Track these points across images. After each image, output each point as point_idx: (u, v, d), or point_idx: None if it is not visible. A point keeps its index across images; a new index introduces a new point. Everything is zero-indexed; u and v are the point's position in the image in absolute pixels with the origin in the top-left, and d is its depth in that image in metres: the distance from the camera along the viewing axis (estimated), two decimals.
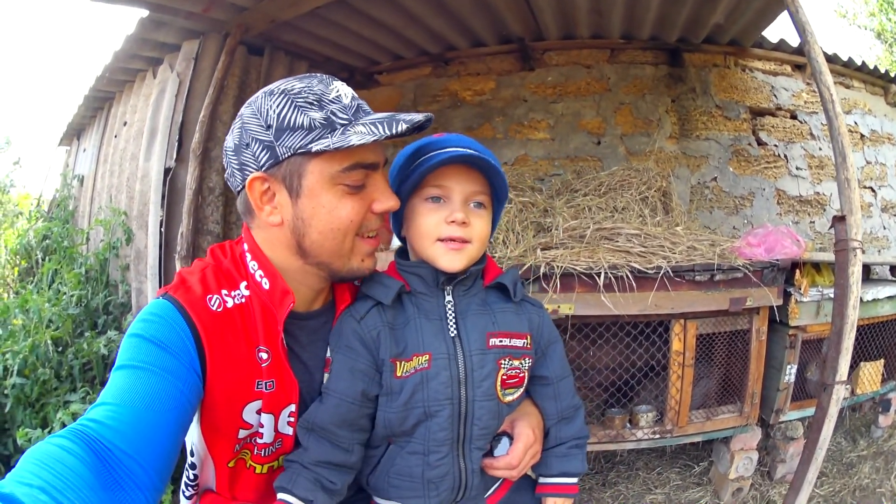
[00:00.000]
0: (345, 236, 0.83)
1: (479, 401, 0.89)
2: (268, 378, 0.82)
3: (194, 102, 2.51)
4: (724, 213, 3.45)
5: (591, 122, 3.36)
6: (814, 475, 1.77)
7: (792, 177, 3.67)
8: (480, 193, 0.92)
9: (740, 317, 2.13)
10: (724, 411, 2.19)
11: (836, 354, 1.74)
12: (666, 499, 2.30)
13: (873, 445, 2.76)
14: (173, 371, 0.72)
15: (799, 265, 2.22)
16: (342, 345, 0.88)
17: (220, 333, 0.78)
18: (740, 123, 3.55)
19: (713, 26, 3.12)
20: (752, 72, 3.63)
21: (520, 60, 3.35)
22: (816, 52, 1.80)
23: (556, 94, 3.38)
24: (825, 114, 1.82)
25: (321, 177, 0.80)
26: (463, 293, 0.93)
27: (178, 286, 0.80)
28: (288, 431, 0.87)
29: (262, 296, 0.84)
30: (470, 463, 0.91)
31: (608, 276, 1.88)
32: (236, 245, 0.90)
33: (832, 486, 2.39)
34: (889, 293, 2.69)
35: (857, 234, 1.77)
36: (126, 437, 0.65)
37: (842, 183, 1.81)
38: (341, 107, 0.79)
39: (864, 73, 4.07)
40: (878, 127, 4.14)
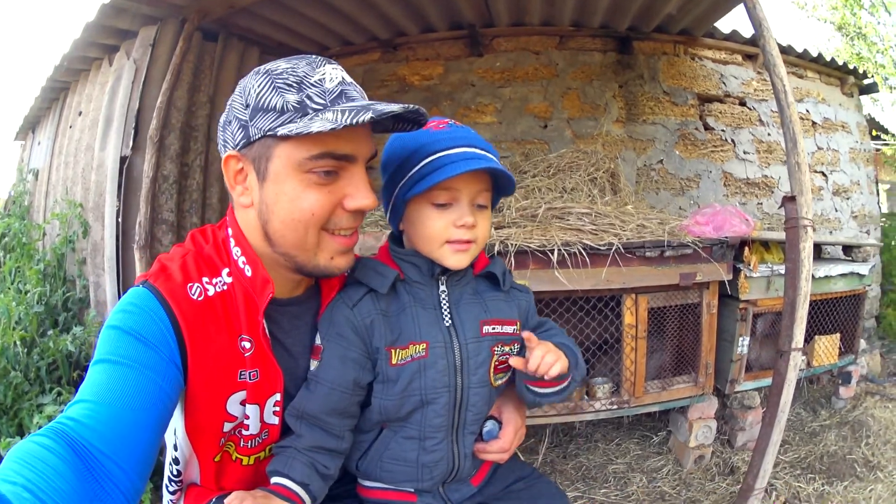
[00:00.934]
0: (307, 229, 0.79)
1: (475, 388, 0.91)
2: (251, 368, 0.81)
3: (150, 89, 2.48)
4: (671, 194, 3.57)
5: (539, 106, 3.43)
6: (778, 437, 1.86)
7: (739, 160, 3.80)
8: (485, 192, 0.91)
9: (691, 291, 2.21)
10: (679, 382, 2.27)
11: (791, 323, 1.84)
12: (628, 468, 2.37)
13: (836, 416, 2.89)
14: (152, 366, 0.70)
15: (748, 243, 2.31)
16: (333, 332, 0.87)
17: (200, 323, 0.76)
18: (687, 109, 3.66)
19: (665, 16, 3.20)
20: (701, 60, 3.74)
21: (469, 46, 3.40)
22: (771, 45, 1.88)
23: (504, 79, 3.43)
24: (777, 103, 1.90)
25: (287, 162, 0.76)
26: (456, 283, 0.94)
27: (158, 273, 0.78)
28: (274, 421, 0.86)
29: (244, 283, 0.81)
30: (463, 448, 0.93)
31: (561, 253, 1.93)
32: (218, 230, 0.87)
33: (797, 454, 2.49)
34: (842, 271, 2.81)
35: (808, 213, 1.87)
36: (104, 437, 0.63)
37: (792, 166, 1.89)
38: (320, 91, 0.75)
39: (820, 64, 4.22)
40: (832, 115, 4.31)
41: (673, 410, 2.43)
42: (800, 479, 2.25)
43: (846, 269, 2.82)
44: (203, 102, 2.67)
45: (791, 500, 2.13)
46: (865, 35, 8.12)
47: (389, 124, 0.86)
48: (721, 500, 2.14)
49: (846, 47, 8.61)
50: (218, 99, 2.77)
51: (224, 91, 2.79)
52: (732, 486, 2.20)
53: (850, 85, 4.45)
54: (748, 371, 2.45)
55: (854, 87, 4.52)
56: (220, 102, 2.78)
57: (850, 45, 8.48)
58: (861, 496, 2.12)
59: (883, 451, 2.48)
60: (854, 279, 2.87)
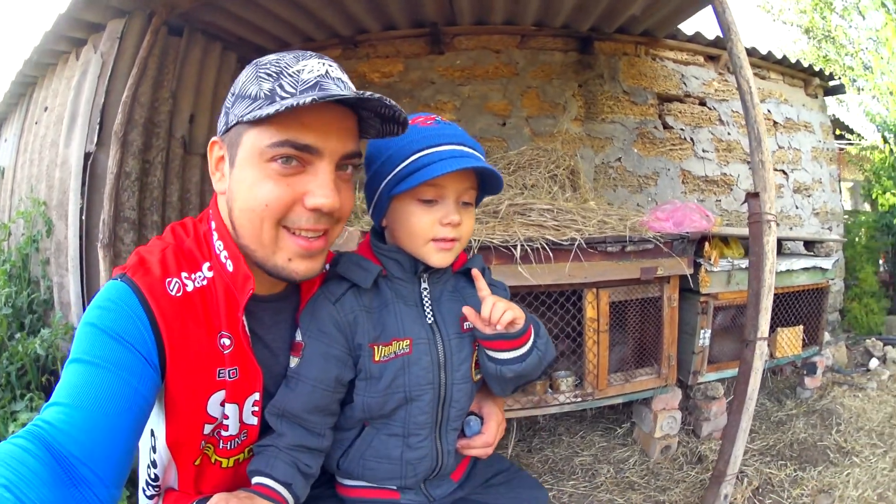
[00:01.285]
0: (262, 221, 0.75)
1: (458, 384, 0.91)
2: (230, 366, 0.78)
3: (116, 84, 2.45)
4: (628, 192, 3.65)
5: (498, 104, 3.47)
6: (747, 424, 1.92)
7: (698, 158, 3.90)
8: (470, 190, 0.90)
9: (652, 285, 2.26)
10: (642, 374, 2.32)
11: (756, 314, 1.90)
12: (594, 460, 2.41)
13: (803, 405, 2.97)
14: (128, 367, 0.68)
15: (708, 238, 2.37)
16: (315, 329, 0.85)
17: (179, 321, 0.74)
18: (647, 108, 3.75)
19: (629, 17, 3.27)
20: (662, 61, 3.83)
21: (429, 44, 3.43)
22: (739, 48, 1.95)
23: (464, 77, 3.47)
24: (742, 104, 1.96)
25: (251, 149, 0.74)
26: (437, 280, 0.93)
27: (136, 266, 0.75)
28: (252, 421, 0.83)
29: (225, 278, 0.79)
30: (446, 444, 0.93)
31: (524, 249, 1.97)
32: (200, 223, 0.85)
33: (765, 442, 2.55)
34: (804, 265, 2.89)
35: (771, 208, 1.93)
36: (79, 442, 0.63)
37: (756, 164, 1.95)
38: (294, 81, 0.73)
39: (785, 66, 4.35)
40: (795, 115, 4.44)
41: (636, 402, 2.48)
42: (770, 466, 2.31)
43: (808, 264, 2.90)
44: (165, 98, 2.65)
45: (763, 486, 2.17)
46: (834, 38, 8.34)
47: (379, 127, 0.82)
48: (691, 487, 2.18)
49: (812, 50, 8.84)
50: (180, 94, 2.75)
51: (186, 86, 2.78)
52: (702, 475, 2.26)
53: (814, 86, 4.58)
54: (711, 363, 2.51)
55: (819, 89, 4.66)
56: (181, 98, 2.76)
57: (818, 47, 8.70)
58: (838, 480, 2.18)
59: (856, 437, 2.55)
60: (817, 273, 2.95)
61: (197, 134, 2.89)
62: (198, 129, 2.89)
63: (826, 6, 8.45)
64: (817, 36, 8.58)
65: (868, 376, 3.37)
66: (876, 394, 3.08)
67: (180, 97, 2.75)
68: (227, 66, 3.12)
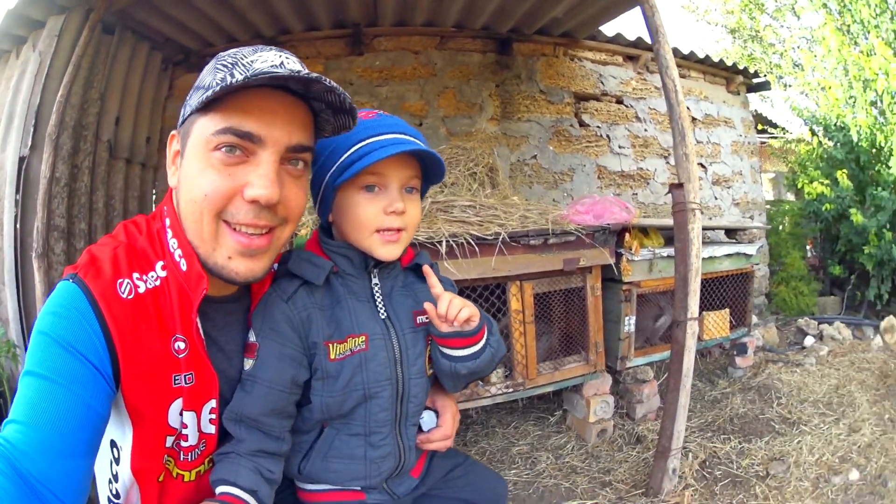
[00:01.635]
0: (202, 213, 0.73)
1: (415, 378, 0.91)
2: (186, 370, 0.76)
3: (51, 83, 2.36)
4: (544, 188, 3.78)
5: (415, 104, 3.53)
6: (685, 401, 1.99)
7: (614, 154, 4.07)
8: (414, 178, 0.90)
9: (574, 276, 2.35)
10: (571, 361, 2.41)
11: (685, 296, 1.99)
12: (532, 448, 2.46)
13: (737, 383, 3.10)
14: (81, 381, 0.67)
15: (628, 229, 2.49)
16: (268, 328, 0.83)
17: (131, 325, 0.71)
18: (563, 107, 3.89)
19: (550, 19, 3.38)
20: (580, 61, 3.97)
21: (350, 45, 3.45)
22: (666, 50, 2.06)
23: (382, 78, 3.51)
24: (667, 101, 2.06)
25: (198, 138, 0.73)
26: (387, 275, 0.93)
27: (87, 266, 0.72)
28: (210, 430, 0.80)
29: (179, 277, 0.76)
30: (407, 440, 0.93)
31: (450, 244, 2.03)
32: (153, 220, 0.81)
33: (703, 419, 2.66)
34: (727, 251, 3.06)
35: (696, 198, 2.03)
36: (36, 463, 0.62)
37: (680, 157, 2.04)
38: (246, 69, 0.70)
39: (707, 65, 4.58)
40: (715, 112, 4.68)
41: (566, 390, 2.56)
42: (713, 441, 2.40)
43: (732, 250, 3.07)
44: (94, 99, 2.57)
45: (710, 459, 2.24)
46: (762, 38, 8.84)
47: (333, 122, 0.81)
48: (634, 466, 2.25)
49: (737, 49, 9.34)
50: (108, 95, 2.68)
51: (114, 88, 2.71)
52: (643, 454, 2.33)
53: (737, 84, 4.83)
54: (638, 348, 2.64)
55: (742, 86, 4.93)
56: (109, 100, 2.70)
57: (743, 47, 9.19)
58: (789, 448, 2.27)
59: (801, 408, 2.67)
60: (741, 259, 3.13)
61: (121, 137, 2.82)
62: (122, 132, 2.82)
63: (757, 7, 8.95)
64: (743, 36, 9.08)
65: (804, 353, 3.56)
66: (816, 368, 3.25)
67: (108, 99, 2.68)
68: (153, 67, 3.07)
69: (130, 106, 2.87)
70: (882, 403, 2.70)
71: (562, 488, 2.13)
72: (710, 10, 9.46)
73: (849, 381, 3.00)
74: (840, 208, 4.44)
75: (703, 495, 2.01)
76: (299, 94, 0.77)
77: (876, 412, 2.60)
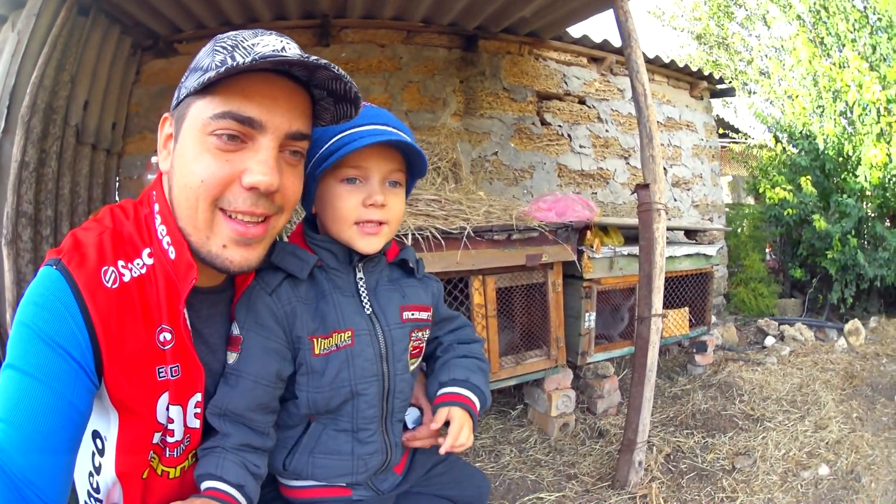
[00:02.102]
0: (197, 200, 0.71)
1: (400, 374, 0.90)
2: (172, 363, 0.74)
3: (26, 64, 2.27)
4: (504, 184, 3.83)
5: (378, 97, 3.53)
6: (650, 394, 2.03)
7: (575, 153, 4.15)
8: (397, 171, 0.88)
9: (536, 272, 2.39)
10: (532, 356, 2.44)
11: (649, 293, 2.04)
12: (494, 442, 2.48)
13: (697, 380, 3.17)
14: (63, 378, 0.66)
15: (590, 227, 2.55)
16: (253, 321, 0.82)
17: (115, 317, 0.70)
18: (525, 105, 3.95)
19: (518, 18, 3.41)
20: (545, 60, 4.03)
21: (317, 36, 3.43)
22: (637, 54, 2.09)
23: (348, 70, 3.37)
24: (636, 104, 2.11)
25: (195, 121, 0.71)
26: (372, 269, 0.92)
27: (71, 252, 0.70)
28: (195, 424, 0.79)
29: (167, 266, 0.74)
30: (393, 436, 0.93)
31: (415, 237, 2.04)
32: (141, 205, 0.79)
33: (664, 414, 2.70)
34: (686, 251, 3.15)
35: (661, 198, 2.08)
36: (17, 463, 0.62)
37: (647, 158, 2.09)
38: (247, 52, 0.69)
39: (671, 69, 4.69)
40: (677, 115, 4.81)
41: (527, 384, 2.60)
42: (676, 435, 2.45)
43: (692, 251, 3.17)
44: (65, 82, 2.49)
45: (675, 453, 2.28)
46: (729, 45, 9.13)
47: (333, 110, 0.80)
48: (599, 459, 2.28)
49: (701, 55, 9.63)
50: (79, 79, 2.60)
51: (85, 71, 2.63)
52: (606, 447, 2.37)
53: (701, 89, 4.97)
54: (598, 344, 2.70)
55: (706, 91, 5.07)
56: (79, 83, 2.62)
57: (708, 53, 9.48)
58: (754, 443, 2.31)
59: (764, 406, 2.73)
60: (701, 259, 3.23)
61: (89, 122, 2.74)
62: (90, 117, 2.75)
63: (725, 15, 9.23)
64: (709, 42, 9.37)
65: (765, 353, 3.67)
66: (778, 367, 3.34)
67: (78, 82, 2.60)
68: (122, 51, 2.99)
69: (99, 90, 2.80)
70: (849, 402, 2.77)
71: (528, 481, 2.16)
72: (676, 15, 9.73)
73: (813, 381, 3.06)
74: (802, 213, 4.58)
75: (670, 488, 2.04)
76: (301, 80, 0.75)
77: (843, 411, 2.66)
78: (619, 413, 2.77)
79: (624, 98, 4.37)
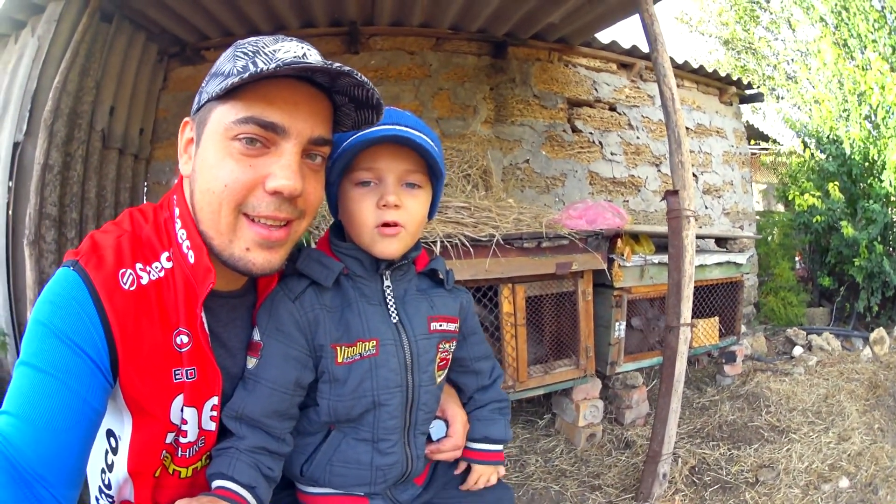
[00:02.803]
0: (220, 204, 0.71)
1: (425, 386, 0.89)
2: (188, 365, 0.74)
3: (48, 69, 2.35)
4: (536, 192, 3.79)
5: (409, 105, 3.51)
6: (677, 405, 1.99)
7: (606, 161, 4.10)
8: (415, 172, 0.86)
9: (566, 280, 2.36)
10: (561, 365, 2.42)
11: (678, 302, 2.00)
12: (520, 451, 2.47)
13: (725, 391, 3.12)
14: (78, 376, 0.66)
15: (620, 235, 2.51)
16: (273, 328, 0.82)
17: (132, 318, 0.70)
18: (556, 112, 3.91)
19: (546, 24, 3.40)
20: (575, 67, 4.00)
21: (346, 44, 3.45)
22: (664, 59, 2.07)
23: (378, 77, 3.50)
24: (664, 109, 2.08)
25: (217, 126, 0.71)
26: (400, 278, 0.91)
27: (90, 254, 0.70)
28: (211, 427, 0.79)
29: (186, 269, 0.74)
30: (415, 448, 0.91)
31: (444, 245, 2.03)
32: (160, 210, 0.80)
33: (692, 425, 2.67)
34: (717, 260, 3.09)
35: (690, 204, 2.04)
36: (30, 459, 0.62)
37: (675, 164, 2.05)
38: (269, 58, 0.70)
39: (701, 75, 4.62)
40: (707, 122, 4.73)
41: (555, 394, 2.57)
42: (702, 447, 2.41)
43: (722, 259, 3.11)
44: (90, 88, 2.55)
45: (700, 465, 2.25)
46: (756, 49, 8.96)
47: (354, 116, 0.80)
48: (624, 471, 2.25)
49: (730, 60, 9.46)
50: (104, 84, 2.67)
51: (110, 77, 2.70)
52: (632, 459, 2.34)
53: (730, 94, 4.88)
54: (627, 353, 2.66)
55: (735, 97, 4.97)
56: (104, 88, 2.68)
57: (736, 58, 9.31)
58: (779, 455, 2.28)
59: (790, 417, 2.70)
60: (731, 268, 3.17)
61: (115, 127, 2.80)
62: (116, 122, 2.81)
63: (751, 19, 9.07)
64: (737, 47, 9.21)
65: (793, 363, 3.61)
66: (805, 378, 3.29)
67: (103, 88, 2.66)
68: (148, 58, 3.06)
69: (125, 96, 2.86)
70: (872, 413, 2.73)
71: (551, 491, 2.13)
72: (703, 20, 9.60)
73: (838, 391, 3.02)
74: (830, 220, 4.50)
75: (693, 501, 2.02)
76: (323, 86, 0.76)
77: (865, 422, 2.63)
78: (647, 424, 2.73)
79: (654, 104, 4.31)
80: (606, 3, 2.98)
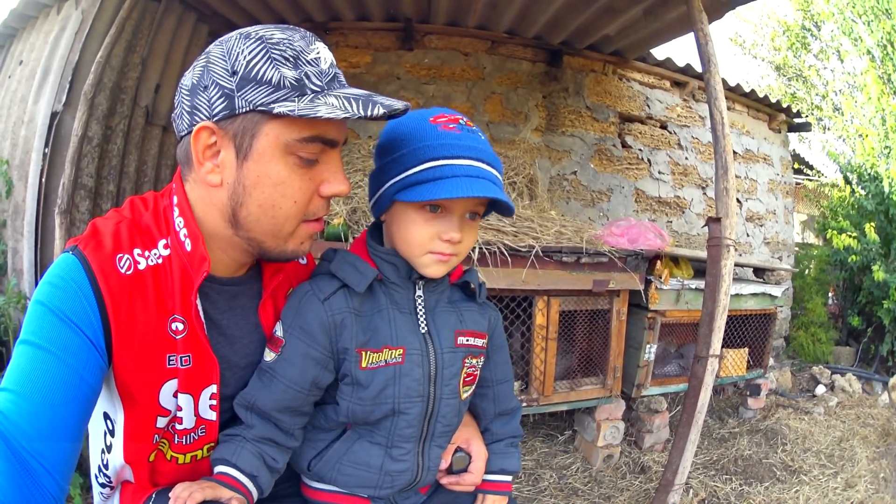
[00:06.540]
0: (286, 218, 0.75)
1: (446, 399, 0.88)
2: (183, 352, 0.75)
3: (91, 43, 2.37)
4: (581, 205, 3.73)
5: (461, 106, 3.47)
6: (696, 436, 1.96)
7: (653, 179, 4.02)
8: (480, 205, 0.85)
9: (601, 298, 2.33)
10: (587, 383, 2.38)
11: (709, 332, 1.96)
12: (536, 465, 2.45)
13: (746, 424, 3.08)
14: (75, 352, 0.67)
15: (660, 257, 2.46)
16: (298, 326, 0.81)
17: (126, 300, 0.71)
18: (608, 126, 3.84)
19: (602, 36, 3.35)
20: (629, 81, 3.92)
21: (400, 40, 3.41)
22: (716, 80, 2.02)
23: (430, 76, 3.47)
24: (713, 133, 2.03)
25: (276, 142, 0.71)
26: (433, 288, 0.89)
27: (89, 238, 0.72)
28: (210, 416, 0.80)
29: (183, 257, 0.75)
30: (428, 459, 0.90)
31: (482, 252, 2.02)
32: (161, 198, 0.80)
33: (708, 455, 2.63)
34: (753, 290, 3.01)
35: (732, 234, 2.00)
36: (26, 434, 0.63)
37: (720, 191, 2.01)
38: (317, 71, 0.71)
39: (752, 99, 4.51)
40: (755, 148, 4.62)
41: (579, 411, 2.54)
42: (715, 480, 2.38)
43: (758, 290, 3.03)
44: (136, 64, 2.56)
45: (709, 499, 2.23)
46: (806, 77, 8.73)
47: None
48: (635, 496, 2.23)
49: (780, 86, 9.23)
50: (150, 62, 2.68)
51: (157, 55, 2.71)
52: (645, 484, 2.31)
53: (779, 122, 4.76)
54: (654, 377, 2.61)
55: (783, 124, 4.85)
56: (150, 66, 2.70)
57: (787, 84, 9.08)
58: (787, 496, 2.26)
59: (804, 457, 2.66)
60: (766, 299, 3.09)
61: (160, 105, 2.82)
62: (161, 100, 2.82)
63: (802, 46, 8.84)
64: (788, 73, 8.98)
65: (815, 402, 3.55)
66: (823, 418, 3.24)
67: (149, 65, 2.67)
68: (198, 38, 3.05)
69: (172, 75, 2.87)
70: (879, 462, 2.69)
71: None
72: (757, 44, 9.38)
73: (852, 436, 2.99)
74: (865, 260, 4.40)
75: None
76: None
77: (872, 469, 2.59)
78: (665, 449, 2.70)
79: (704, 126, 4.21)
80: (662, 19, 2.93)
